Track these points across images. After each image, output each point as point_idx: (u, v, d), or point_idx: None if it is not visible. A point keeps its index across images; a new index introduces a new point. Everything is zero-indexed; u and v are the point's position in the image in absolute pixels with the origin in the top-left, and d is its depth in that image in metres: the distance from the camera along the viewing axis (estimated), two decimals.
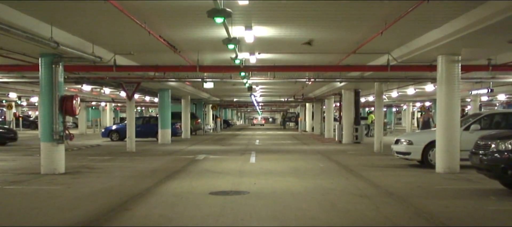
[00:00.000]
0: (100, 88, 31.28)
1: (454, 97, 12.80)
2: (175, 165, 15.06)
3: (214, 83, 23.25)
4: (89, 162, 15.95)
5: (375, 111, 20.90)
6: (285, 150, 21.86)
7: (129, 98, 20.37)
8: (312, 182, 11.20)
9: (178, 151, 20.81)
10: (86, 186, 10.67)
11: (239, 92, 38.41)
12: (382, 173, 12.98)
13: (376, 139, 20.55)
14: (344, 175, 12.47)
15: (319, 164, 15.41)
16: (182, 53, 14.37)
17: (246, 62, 15.96)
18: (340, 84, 22.72)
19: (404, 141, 14.38)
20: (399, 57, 14.15)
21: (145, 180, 11.58)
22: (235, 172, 13.21)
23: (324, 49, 14.35)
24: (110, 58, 14.30)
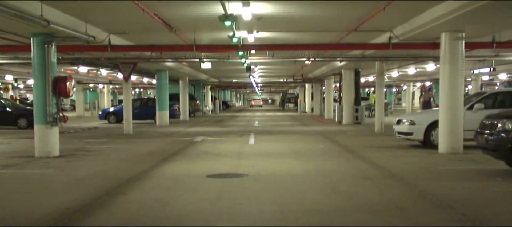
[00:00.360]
0: (96, 70, 30.91)
1: (458, 76, 12.47)
2: (172, 147, 14.77)
3: (212, 63, 22.85)
4: (85, 145, 15.66)
5: (375, 92, 20.55)
6: (284, 131, 21.57)
7: (125, 79, 20.00)
8: (312, 163, 10.91)
9: (176, 133, 20.52)
10: (81, 170, 10.38)
11: (238, 73, 38.02)
12: (384, 154, 12.70)
13: (377, 120, 20.25)
14: (345, 156, 12.18)
15: (320, 145, 15.12)
16: (178, 33, 13.98)
17: (244, 41, 15.56)
18: (340, 63, 22.36)
19: (406, 121, 14.08)
20: (401, 35, 13.76)
21: (141, 163, 11.28)
22: (234, 154, 12.92)
23: (324, 27, 13.96)
24: (105, 38, 13.90)
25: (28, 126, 22.76)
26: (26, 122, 23.06)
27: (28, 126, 22.76)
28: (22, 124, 23.23)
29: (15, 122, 23.31)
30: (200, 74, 35.56)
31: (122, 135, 19.56)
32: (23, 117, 23.43)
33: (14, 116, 23.53)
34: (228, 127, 24.65)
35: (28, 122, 22.87)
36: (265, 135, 19.24)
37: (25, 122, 23.16)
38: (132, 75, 34.55)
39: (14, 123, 23.30)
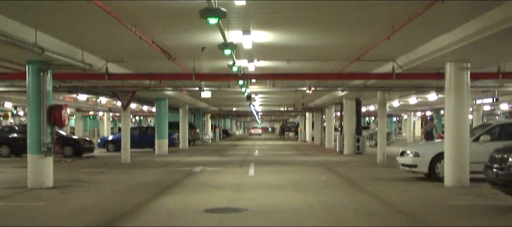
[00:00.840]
0: (96, 98, 30.68)
1: (464, 107, 12.15)
2: (170, 178, 14.37)
3: (212, 92, 22.61)
4: (81, 175, 15.26)
5: (377, 121, 20.22)
6: (285, 161, 21.17)
7: (124, 107, 19.70)
8: (315, 197, 10.50)
9: (175, 163, 20.11)
10: (73, 202, 9.97)
11: (238, 102, 37.75)
12: (388, 187, 12.28)
13: (379, 150, 19.86)
14: (348, 189, 11.78)
15: (321, 176, 14.72)
16: (177, 61, 13.71)
17: (245, 70, 15.29)
18: (342, 93, 22.02)
19: (410, 152, 13.69)
20: (404, 64, 13.49)
21: (137, 195, 10.88)
22: (233, 186, 12.52)
23: (326, 57, 13.69)
24: (102, 66, 13.64)
25: (74, 154, 22.65)
26: (72, 150, 22.84)
27: (74, 154, 22.65)
28: (68, 152, 22.83)
29: (62, 150, 22.78)
30: (200, 102, 35.30)
31: (120, 164, 19.16)
32: (68, 145, 23.07)
33: (60, 144, 22.79)
34: (228, 157, 24.24)
35: (74, 150, 22.76)
36: (265, 165, 18.84)
37: (70, 151, 22.86)
38: (132, 103, 34.58)
39: (61, 150, 22.80)
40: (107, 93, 21.13)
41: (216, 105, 43.51)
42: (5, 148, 23.18)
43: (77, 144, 23.54)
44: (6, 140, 23.41)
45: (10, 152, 23.12)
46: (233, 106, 45.41)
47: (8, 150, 23.12)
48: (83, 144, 23.99)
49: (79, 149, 23.25)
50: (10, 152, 23.10)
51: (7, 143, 23.30)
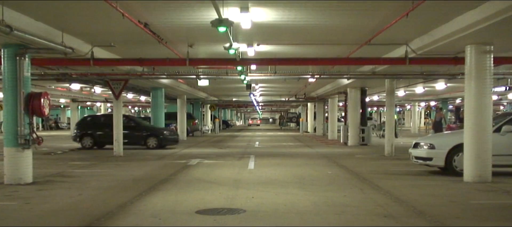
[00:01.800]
0: (90, 88, 29.50)
1: (486, 94, 10.97)
2: (163, 172, 13.24)
3: (210, 81, 21.45)
4: (67, 168, 14.14)
5: (385, 111, 19.05)
6: (287, 153, 20.02)
7: (116, 97, 18.52)
8: (321, 195, 9.36)
9: (170, 155, 18.98)
10: (50, 201, 8.84)
11: (238, 92, 36.57)
12: (401, 182, 11.13)
13: (387, 141, 18.69)
14: (357, 186, 10.63)
15: (327, 170, 13.58)
16: (170, 45, 12.54)
17: (244, 55, 14.08)
18: (347, 81, 20.92)
19: (424, 144, 12.54)
20: (418, 48, 12.30)
21: (123, 193, 9.76)
22: (231, 181, 11.38)
23: (332, 39, 12.47)
24: (88, 51, 12.46)
25: (158, 146, 21.62)
26: (156, 141, 21.80)
27: (158, 146, 21.62)
28: (152, 143, 21.82)
29: (145, 142, 21.90)
30: (198, 92, 34.13)
31: (112, 157, 18.04)
32: (153, 136, 22.05)
33: (144, 136, 22.07)
34: (227, 148, 23.11)
35: (158, 141, 21.69)
36: (266, 157, 17.70)
37: (154, 142, 21.82)
38: (129, 94, 33.55)
39: (144, 142, 21.91)
40: (98, 82, 19.94)
41: (216, 96, 42.36)
42: (87, 140, 22.14)
43: (162, 135, 22.31)
44: (89, 131, 22.34)
45: (93, 143, 22.02)
46: (233, 97, 44.26)
47: (91, 141, 22.05)
48: (169, 135, 22.74)
49: (164, 140, 22.09)
50: (93, 144, 22.01)
51: (90, 134, 22.20)
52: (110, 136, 20.60)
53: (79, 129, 22.80)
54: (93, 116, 24.48)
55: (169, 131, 23.91)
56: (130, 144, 21.67)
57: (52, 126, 55.39)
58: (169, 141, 22.37)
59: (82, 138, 22.30)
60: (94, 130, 22.47)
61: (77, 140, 22.58)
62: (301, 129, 45.98)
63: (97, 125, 22.84)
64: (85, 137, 22.26)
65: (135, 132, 22.06)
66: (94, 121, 23.57)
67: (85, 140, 22.23)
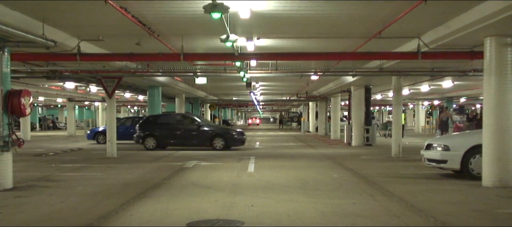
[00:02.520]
0: (85, 86, 28.59)
1: (507, 91, 10.01)
2: (156, 175, 12.32)
3: (208, 79, 20.57)
4: (54, 172, 13.24)
5: (392, 110, 18.13)
6: (288, 154, 19.08)
7: (109, 95, 17.59)
8: (328, 202, 8.44)
9: (166, 156, 18.06)
10: (25, 211, 7.93)
11: (239, 90, 35.63)
12: (415, 187, 10.20)
13: (394, 142, 17.76)
14: (367, 191, 9.70)
15: (332, 173, 12.65)
16: (163, 39, 11.62)
17: (243, 50, 13.14)
18: (352, 79, 19.87)
19: (438, 146, 11.61)
20: (431, 42, 11.37)
21: (109, 200, 8.85)
22: (229, 186, 10.46)
23: (340, 32, 11.53)
24: (75, 46, 11.54)
25: (225, 147, 20.54)
26: (223, 142, 20.70)
27: (225, 147, 20.54)
28: (218, 144, 20.72)
29: (211, 143, 20.79)
30: (197, 91, 33.20)
31: (104, 159, 17.13)
32: (220, 137, 20.92)
33: (210, 136, 20.95)
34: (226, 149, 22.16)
35: (225, 142, 20.60)
36: (267, 159, 16.77)
37: (221, 143, 20.71)
38: (126, 93, 32.61)
39: (210, 144, 20.80)
40: (91, 80, 19.01)
41: (215, 95, 41.45)
42: (151, 140, 21.14)
43: (229, 136, 21.20)
44: (152, 131, 21.33)
45: (156, 144, 21.03)
46: (233, 96, 43.33)
47: (154, 142, 21.05)
48: (236, 135, 21.57)
49: (231, 141, 20.96)
50: (157, 145, 21.02)
51: (153, 135, 21.20)
52: (174, 136, 20.02)
53: (141, 130, 21.63)
54: (156, 115, 23.36)
55: (236, 131, 22.81)
56: (195, 145, 20.80)
57: (50, 125, 54.52)
58: (236, 141, 21.17)
59: (145, 139, 21.19)
60: (157, 130, 21.36)
61: (140, 142, 21.46)
62: (302, 128, 45.02)
63: (160, 125, 21.70)
64: (148, 137, 21.19)
65: (200, 133, 21.03)
66: (157, 121, 22.29)
67: (148, 141, 21.15)
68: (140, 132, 21.65)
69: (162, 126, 21.59)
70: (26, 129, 32.60)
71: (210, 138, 20.88)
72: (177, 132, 21.27)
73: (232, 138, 21.08)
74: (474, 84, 28.93)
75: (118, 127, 27.14)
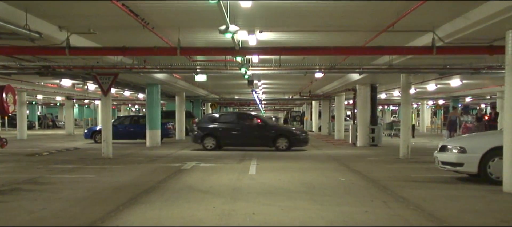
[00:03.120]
0: (82, 84, 27.89)
1: None
2: (151, 178, 11.55)
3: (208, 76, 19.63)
4: (45, 173, 12.48)
5: (401, 109, 17.31)
6: (292, 155, 18.26)
7: (104, 93, 16.81)
8: (337, 210, 7.66)
9: (165, 157, 17.30)
10: (1, 219, 7.15)
11: (240, 89, 34.82)
12: (430, 193, 9.39)
13: (403, 142, 16.96)
14: (379, 197, 8.90)
15: (339, 176, 11.86)
16: (158, 32, 10.84)
17: (244, 44, 12.32)
18: (358, 76, 19.16)
19: (453, 148, 10.79)
20: (447, 35, 10.58)
21: (97, 206, 8.08)
22: (228, 190, 9.68)
23: (346, 26, 10.74)
24: (64, 39, 10.75)
25: (288, 147, 19.49)
26: (287, 142, 19.66)
27: (288, 147, 19.49)
28: (282, 144, 19.68)
29: (274, 143, 19.78)
30: (198, 89, 32.42)
31: (99, 159, 16.35)
32: (283, 136, 19.91)
33: (273, 136, 19.96)
34: (227, 149, 21.39)
35: (289, 142, 19.54)
36: (269, 160, 15.99)
37: (285, 143, 19.68)
38: (126, 91, 31.85)
39: (273, 143, 19.77)
40: (87, 77, 18.21)
41: (217, 93, 40.67)
42: (210, 140, 20.18)
43: (293, 136, 20.18)
44: (212, 131, 20.38)
45: (216, 144, 20.08)
46: (235, 94, 42.55)
47: (214, 142, 20.08)
48: (300, 135, 20.51)
49: (295, 141, 19.92)
50: (216, 145, 20.06)
51: (212, 134, 20.25)
52: (234, 136, 19.39)
53: (200, 129, 20.65)
54: (216, 114, 22.46)
55: (300, 130, 21.83)
56: (257, 145, 19.89)
57: (49, 124, 53.82)
58: (301, 141, 20.11)
59: (204, 138, 20.25)
60: (217, 129, 20.43)
61: (198, 141, 20.51)
62: (305, 128, 44.19)
63: (220, 124, 20.69)
64: (207, 137, 20.23)
65: (263, 132, 20.04)
66: (217, 120, 21.25)
67: (208, 140, 20.19)
68: (198, 131, 20.62)
69: (223, 125, 20.56)
70: (22, 127, 31.79)
71: (273, 137, 19.84)
72: (238, 131, 20.19)
73: (297, 137, 20.03)
74: (483, 83, 28.12)
75: (116, 125, 26.65)
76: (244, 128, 20.27)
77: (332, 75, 23.19)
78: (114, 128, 25.86)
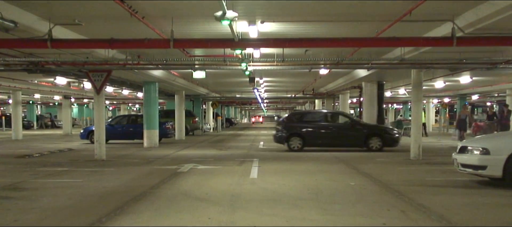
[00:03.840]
0: (78, 83, 26.95)
1: None
2: (144, 182, 10.59)
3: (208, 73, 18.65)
4: (28, 178, 11.52)
5: (412, 107, 16.31)
6: (296, 155, 17.28)
7: (97, 91, 15.84)
8: (350, 222, 6.69)
9: (161, 158, 16.33)
10: None
11: (242, 87, 33.88)
12: (452, 199, 8.41)
13: (414, 142, 15.95)
14: (396, 205, 7.91)
15: (348, 180, 10.87)
16: (148, 21, 9.86)
17: (245, 36, 11.31)
18: (366, 73, 18.13)
19: (474, 149, 9.78)
20: (468, 25, 9.58)
21: (77, 217, 7.15)
22: (227, 197, 8.71)
23: (356, 14, 9.75)
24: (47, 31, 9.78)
25: (382, 147, 18.28)
26: (380, 142, 18.44)
27: (382, 147, 18.28)
28: (375, 144, 18.48)
29: (366, 143, 18.59)
30: (198, 88, 31.45)
31: (91, 161, 15.40)
32: (376, 136, 18.68)
33: (364, 135, 18.74)
34: (228, 149, 20.44)
35: (383, 142, 18.32)
36: (272, 161, 15.01)
37: (379, 143, 18.48)
38: (124, 89, 30.88)
39: (364, 143, 18.59)
40: (79, 74, 17.22)
41: (217, 92, 39.73)
42: (296, 141, 18.94)
43: (388, 134, 18.88)
44: (298, 130, 19.13)
45: (303, 145, 18.84)
46: (236, 93, 41.59)
47: (300, 142, 18.87)
48: (394, 134, 19.19)
49: (389, 141, 18.62)
50: (303, 145, 18.82)
51: (299, 134, 19.02)
52: (322, 136, 18.41)
53: (285, 129, 19.40)
54: (301, 112, 21.22)
55: (392, 128, 20.65)
56: (347, 146, 18.62)
57: (48, 124, 52.91)
58: (394, 141, 18.77)
59: (290, 139, 19.00)
60: (303, 129, 19.20)
61: (283, 142, 19.28)
62: None
63: (306, 123, 19.42)
64: (293, 137, 18.98)
65: (354, 131, 18.79)
66: (303, 119, 19.93)
67: (293, 141, 18.93)
68: (283, 131, 19.40)
69: (309, 124, 19.31)
70: (17, 127, 30.89)
71: (365, 137, 18.61)
72: (327, 131, 18.89)
73: (391, 137, 18.69)
74: (493, 80, 27.11)
75: (113, 125, 25.72)
76: (333, 127, 18.83)
77: (337, 72, 22.25)
78: (111, 127, 25.10)
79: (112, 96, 40.20)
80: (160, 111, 34.23)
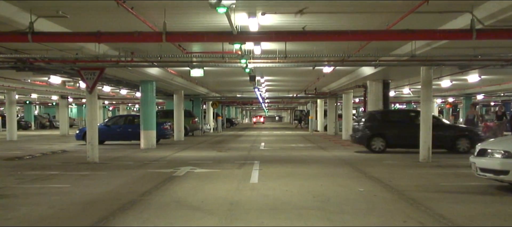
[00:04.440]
0: (74, 81, 26.12)
1: None
2: (134, 188, 9.79)
3: (207, 72, 17.92)
4: (12, 183, 10.74)
5: (421, 106, 15.49)
6: (298, 157, 16.47)
7: (89, 90, 15.01)
8: None
9: (157, 161, 15.52)
10: None
11: (242, 87, 33.07)
12: (473, 209, 7.58)
13: (423, 144, 15.11)
14: (411, 215, 7.09)
15: (356, 185, 10.04)
16: (139, 12, 9.04)
17: (245, 30, 10.47)
18: (372, 71, 17.30)
19: (496, 151, 8.96)
20: (488, 16, 8.75)
21: None
22: (224, 205, 7.90)
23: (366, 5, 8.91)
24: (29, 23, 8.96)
25: (469, 149, 16.88)
26: (469, 144, 17.29)
27: (469, 149, 16.88)
28: (463, 146, 17.48)
29: (453, 144, 17.58)
30: (198, 87, 30.65)
31: (83, 164, 14.58)
32: (465, 137, 17.74)
33: (453, 137, 17.75)
34: (228, 151, 19.62)
35: (471, 143, 16.89)
36: (274, 164, 14.19)
37: (467, 144, 17.41)
38: (122, 89, 30.10)
39: (452, 145, 17.58)
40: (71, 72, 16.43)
41: (218, 91, 38.94)
42: (378, 141, 17.90)
43: (476, 136, 17.64)
44: (381, 130, 18.06)
45: (385, 145, 17.80)
46: (237, 93, 40.77)
47: (383, 143, 17.84)
48: (482, 136, 18.24)
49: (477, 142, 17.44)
50: (385, 146, 17.80)
51: (382, 134, 17.93)
52: (407, 137, 17.18)
53: (367, 128, 18.31)
54: (384, 111, 20.11)
55: (479, 130, 19.68)
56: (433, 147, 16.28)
57: (46, 124, 52.09)
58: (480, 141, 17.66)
59: (371, 139, 17.97)
60: (387, 129, 18.15)
61: (363, 143, 18.30)
62: (310, 127, 42.31)
63: (390, 123, 18.50)
64: (375, 138, 17.93)
65: (441, 132, 17.37)
66: (386, 118, 18.97)
67: (376, 142, 17.90)
68: (365, 131, 18.33)
69: (393, 124, 18.36)
70: (12, 128, 30.08)
71: (452, 138, 17.63)
72: (411, 131, 17.16)
73: (479, 139, 16.87)
74: (502, 79, 26.30)
75: (110, 126, 24.92)
76: (417, 128, 16.87)
77: (340, 70, 21.43)
78: (107, 128, 24.32)
79: (111, 96, 39.47)
80: (159, 111, 33.48)
